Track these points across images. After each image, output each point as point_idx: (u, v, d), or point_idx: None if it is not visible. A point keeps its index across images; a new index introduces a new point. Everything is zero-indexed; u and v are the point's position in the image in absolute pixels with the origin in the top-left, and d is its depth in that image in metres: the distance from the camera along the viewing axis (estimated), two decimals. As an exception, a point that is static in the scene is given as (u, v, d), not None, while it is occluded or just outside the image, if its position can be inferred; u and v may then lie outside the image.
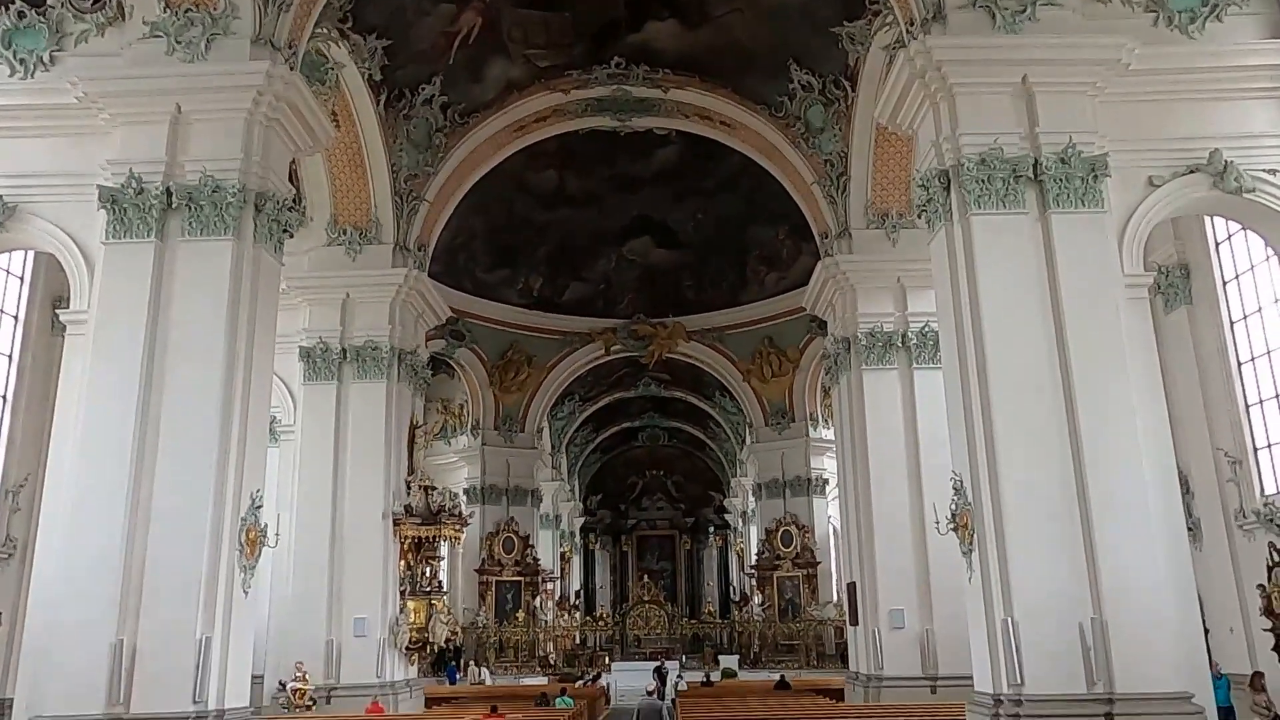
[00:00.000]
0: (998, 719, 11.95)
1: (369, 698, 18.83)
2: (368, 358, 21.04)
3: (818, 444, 31.48)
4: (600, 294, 32.69)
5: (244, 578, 13.19)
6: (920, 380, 19.82)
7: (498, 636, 29.65)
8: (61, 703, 11.98)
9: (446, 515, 21.82)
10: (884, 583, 19.29)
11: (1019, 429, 12.52)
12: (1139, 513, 12.35)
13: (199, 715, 12.05)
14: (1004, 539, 12.25)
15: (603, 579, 43.64)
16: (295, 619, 19.68)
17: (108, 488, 12.59)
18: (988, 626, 12.41)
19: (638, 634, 33.29)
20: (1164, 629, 12.09)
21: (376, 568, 20.20)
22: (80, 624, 12.18)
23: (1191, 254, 17.15)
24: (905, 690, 18.26)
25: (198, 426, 12.85)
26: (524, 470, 32.76)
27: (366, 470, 20.49)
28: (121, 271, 13.47)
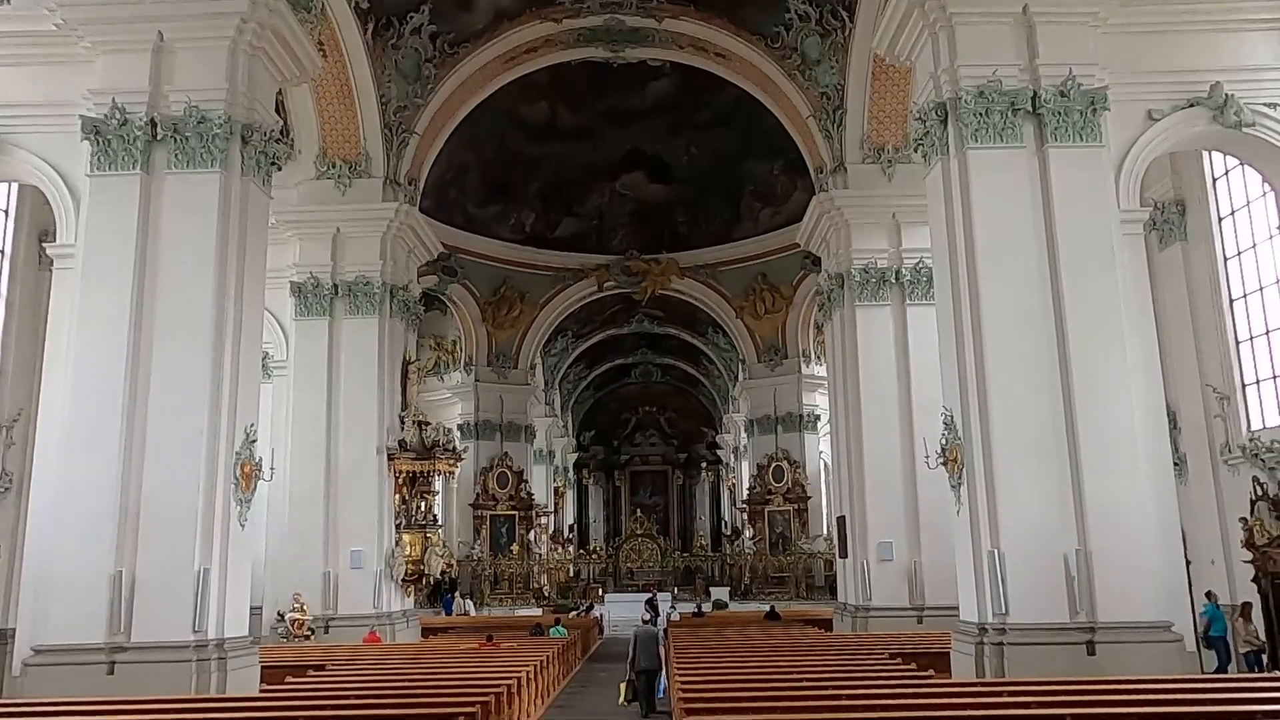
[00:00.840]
0: (982, 646, 12.23)
1: (366, 628, 19.19)
2: (359, 293, 20.95)
3: (810, 380, 31.63)
4: (593, 230, 32.45)
5: (240, 511, 13.30)
6: (913, 317, 19.86)
7: (493, 569, 30.12)
8: (63, 632, 12.19)
9: (440, 450, 21.97)
10: (873, 516, 19.58)
11: (1010, 364, 12.60)
12: (1126, 447, 12.52)
13: (199, 644, 12.26)
14: (992, 472, 12.42)
15: (596, 514, 44.20)
16: (292, 552, 19.94)
17: (101, 422, 12.62)
18: (974, 558, 12.64)
19: (630, 567, 33.83)
20: (1146, 561, 12.34)
21: (371, 502, 20.40)
22: (79, 556, 12.32)
23: (1188, 190, 17.06)
24: (893, 620, 18.66)
25: (189, 360, 12.83)
26: (517, 406, 32.91)
27: (360, 406, 20.56)
28: (107, 205, 13.30)
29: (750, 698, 9.58)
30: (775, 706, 9.06)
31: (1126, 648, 11.79)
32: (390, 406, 21.38)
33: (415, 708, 9.62)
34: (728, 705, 9.17)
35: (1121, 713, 8.32)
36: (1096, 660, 11.76)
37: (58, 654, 12.09)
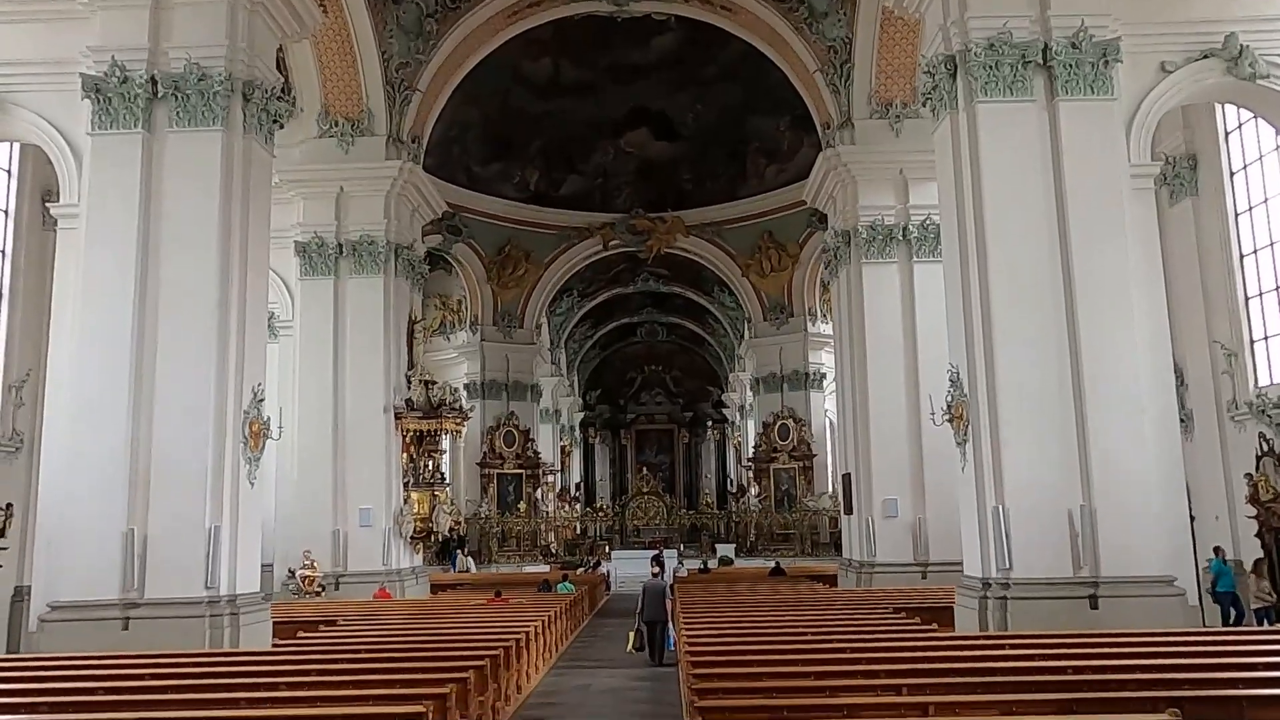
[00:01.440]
0: (986, 601, 12.34)
1: (376, 584, 19.43)
2: (364, 252, 20.91)
3: (816, 338, 31.59)
4: (597, 188, 32.22)
5: (249, 469, 13.40)
6: (920, 274, 19.74)
7: (500, 527, 30.38)
8: (78, 589, 12.35)
9: (447, 409, 22.07)
10: (879, 473, 19.65)
11: (1017, 320, 12.55)
12: (1132, 404, 12.50)
13: (211, 600, 12.43)
14: (998, 429, 12.43)
15: (602, 472, 44.42)
16: (301, 510, 20.12)
17: (109, 382, 12.68)
18: (979, 514, 12.70)
19: (637, 524, 34.09)
20: (1150, 516, 12.38)
21: (379, 460, 20.55)
22: (91, 514, 12.44)
23: (1200, 144, 16.86)
24: (897, 575, 18.83)
25: (196, 319, 12.85)
26: (523, 366, 32.95)
27: (366, 365, 20.63)
28: (110, 164, 13.23)
29: (755, 651, 9.71)
30: (780, 659, 9.18)
31: (1129, 602, 11.88)
32: (396, 366, 21.44)
33: (426, 661, 9.77)
34: (733, 658, 9.29)
35: (1123, 664, 8.40)
36: (1099, 614, 11.85)
37: (73, 610, 12.27)
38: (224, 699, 7.98)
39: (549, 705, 11.16)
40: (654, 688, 12.17)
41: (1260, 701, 7.18)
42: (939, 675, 8.18)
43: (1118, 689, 7.43)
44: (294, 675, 9.04)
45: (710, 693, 7.58)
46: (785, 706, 7.07)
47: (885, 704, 7.24)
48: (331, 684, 8.58)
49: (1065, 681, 7.78)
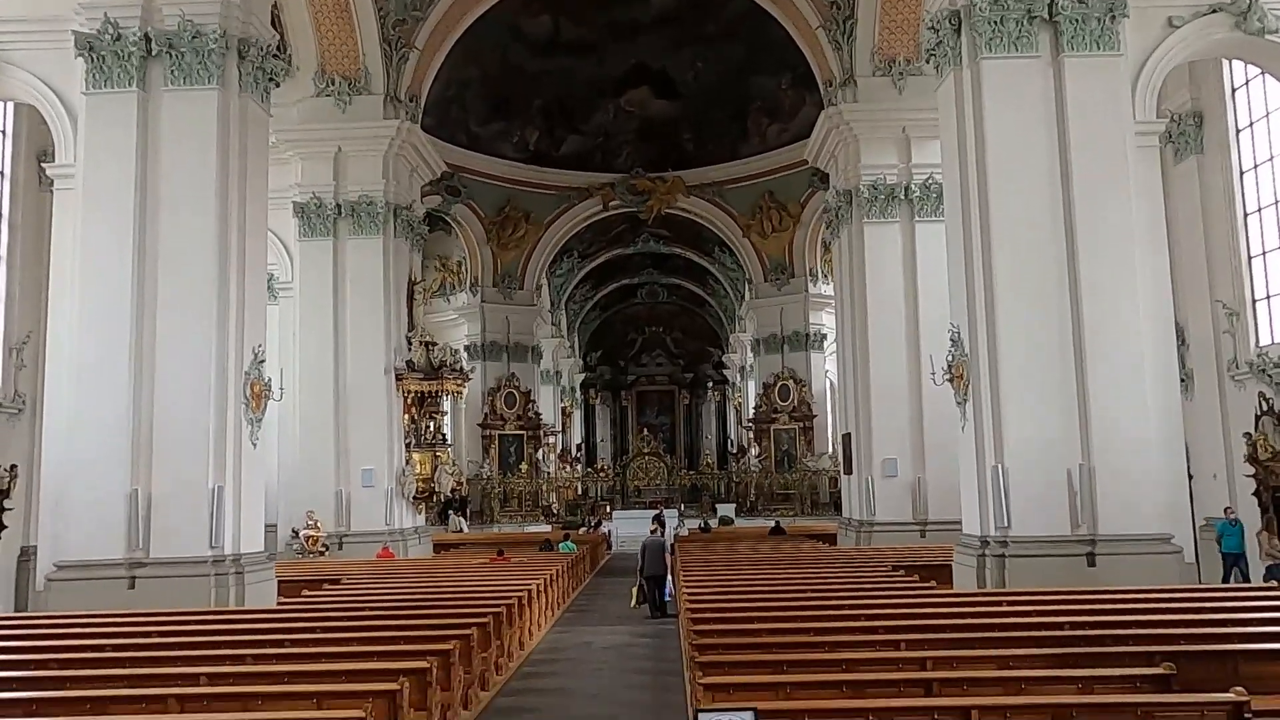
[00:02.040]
0: (984, 559, 12.44)
1: (379, 544, 19.59)
2: (363, 213, 20.81)
3: (817, 299, 31.52)
4: (598, 147, 31.93)
5: (251, 430, 13.45)
6: (922, 233, 19.66)
7: (502, 488, 30.55)
8: (84, 548, 12.47)
9: (448, 370, 22.10)
10: (878, 433, 19.72)
11: (1019, 279, 12.51)
12: (1132, 363, 12.50)
13: (216, 559, 12.54)
14: (998, 389, 12.45)
15: (603, 433, 44.56)
16: (304, 471, 20.24)
17: (110, 343, 12.69)
18: (978, 473, 12.76)
19: (638, 485, 34.27)
20: (1149, 475, 12.43)
21: (381, 421, 20.62)
22: (95, 475, 12.52)
23: (1206, 101, 16.67)
24: (896, 534, 18.97)
25: (195, 280, 12.82)
26: (524, 327, 32.92)
27: (366, 326, 20.62)
28: (105, 123, 13.14)
29: (755, 609, 9.80)
30: (779, 616, 9.27)
31: (1126, 559, 11.97)
32: (397, 327, 21.43)
33: (429, 619, 9.87)
34: (733, 615, 9.38)
35: (1119, 620, 8.49)
36: (1096, 571, 11.95)
37: (79, 570, 12.39)
38: (230, 655, 8.07)
39: (551, 662, 11.30)
40: (655, 645, 12.31)
41: (1253, 656, 7.26)
42: (937, 631, 8.27)
43: (1113, 644, 7.51)
44: (299, 633, 9.15)
45: (710, 648, 7.67)
46: (785, 662, 7.16)
47: (884, 659, 7.33)
48: (336, 641, 8.67)
49: (1062, 637, 7.87)
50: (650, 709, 8.79)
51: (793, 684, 6.41)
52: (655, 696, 9.30)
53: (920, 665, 7.05)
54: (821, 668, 7.01)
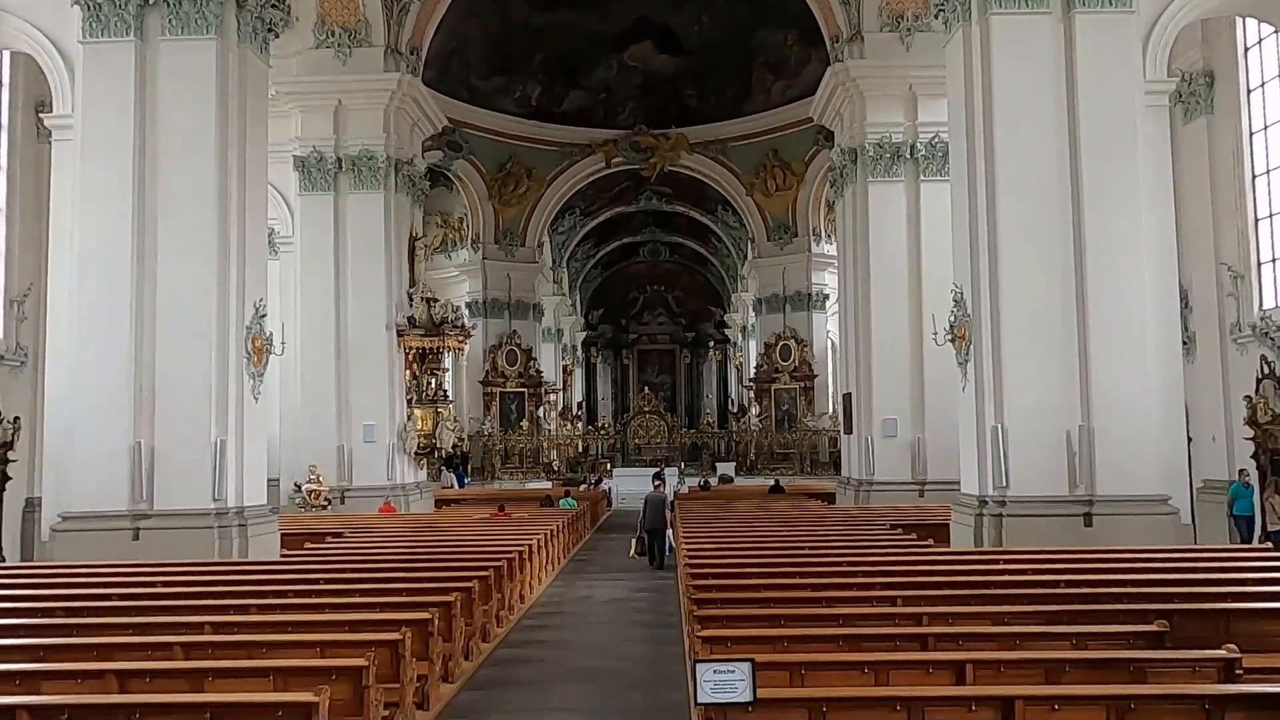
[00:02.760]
0: (981, 518, 12.53)
1: (381, 498, 19.73)
2: (364, 167, 20.65)
3: (819, 259, 31.39)
4: (600, 103, 31.59)
5: (253, 384, 13.48)
6: (926, 193, 19.52)
7: (503, 445, 30.69)
8: (88, 500, 12.56)
9: (449, 327, 22.07)
10: (879, 393, 19.76)
11: (1023, 239, 12.45)
12: (1135, 325, 12.48)
13: (219, 511, 12.64)
14: (999, 349, 12.44)
15: (604, 391, 44.63)
16: (306, 426, 20.32)
17: (110, 296, 12.67)
18: (978, 433, 12.81)
19: (638, 443, 34.42)
20: (1148, 437, 12.47)
21: (382, 377, 20.66)
22: (97, 428, 12.58)
23: (1217, 60, 16.44)
24: (894, 493, 19.08)
25: (195, 233, 12.76)
26: (525, 284, 32.83)
27: (368, 281, 20.57)
28: (102, 74, 12.99)
29: (753, 565, 9.89)
30: (778, 572, 9.36)
31: (1123, 520, 12.05)
32: (398, 283, 21.39)
33: (431, 571, 9.98)
34: (732, 571, 9.47)
35: (1115, 579, 8.56)
36: (1093, 531, 12.04)
37: (84, 521, 12.50)
38: (234, 605, 8.16)
39: (552, 615, 11.44)
40: (654, 599, 12.45)
41: (1246, 615, 7.34)
42: (933, 588, 8.36)
43: (1108, 602, 7.59)
44: (302, 584, 9.25)
45: (709, 603, 7.75)
46: (782, 616, 7.23)
47: (880, 614, 7.41)
48: (339, 592, 8.77)
49: (1057, 595, 7.94)
50: (649, 661, 8.91)
51: (790, 637, 6.48)
52: (654, 649, 9.42)
53: (916, 621, 7.12)
54: (818, 622, 7.09)
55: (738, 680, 4.18)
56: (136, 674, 5.97)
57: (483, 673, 8.55)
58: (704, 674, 4.20)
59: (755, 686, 4.20)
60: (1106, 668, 5.77)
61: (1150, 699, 5.07)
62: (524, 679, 8.33)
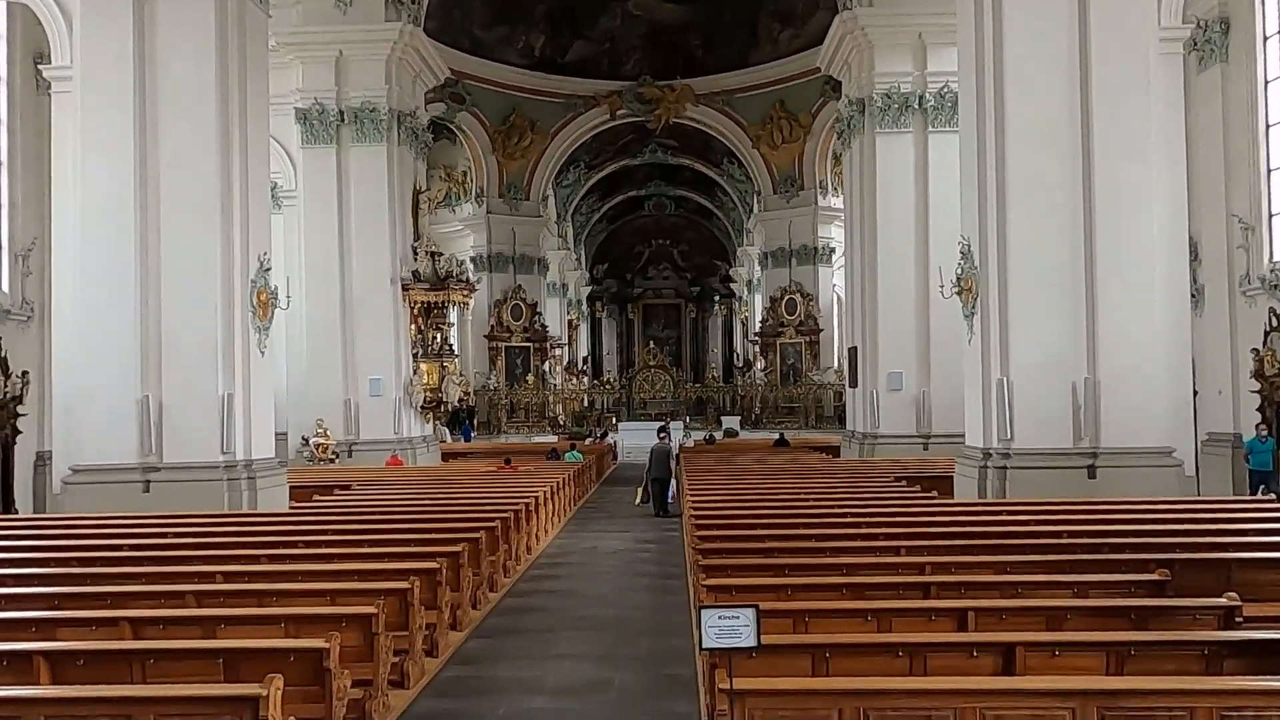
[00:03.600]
0: (985, 470, 12.57)
1: (388, 452, 19.88)
2: (366, 120, 20.49)
3: (826, 212, 31.19)
4: (604, 54, 31.18)
5: (259, 338, 13.50)
6: (935, 144, 19.31)
7: (509, 399, 30.82)
8: (98, 453, 12.65)
9: (454, 281, 22.05)
10: (885, 347, 19.75)
11: (1032, 190, 12.31)
12: (1143, 277, 12.38)
13: (228, 464, 12.74)
14: (1006, 302, 12.38)
15: (609, 345, 44.68)
16: (313, 380, 20.41)
17: (115, 251, 12.64)
18: (983, 386, 12.80)
19: (643, 397, 34.54)
20: (1154, 390, 12.44)
21: (387, 331, 20.69)
22: (105, 382, 12.62)
23: (1234, 6, 16.10)
24: (899, 446, 19.16)
25: (198, 186, 12.69)
26: (530, 239, 32.72)
27: (371, 235, 20.52)
28: (100, 24, 12.81)
29: (758, 516, 9.96)
30: (782, 523, 9.43)
31: (1126, 472, 12.07)
32: (402, 237, 21.32)
33: (439, 523, 10.07)
34: (736, 522, 9.54)
35: (1117, 529, 8.61)
36: (1096, 484, 12.07)
37: (94, 474, 12.61)
38: (245, 556, 8.27)
39: (558, 565, 11.57)
40: (659, 550, 12.57)
41: (1248, 565, 7.38)
42: (937, 539, 8.42)
43: (1110, 552, 7.63)
44: (311, 535, 9.36)
45: (713, 553, 7.82)
46: (786, 565, 7.30)
47: (883, 564, 7.47)
48: (348, 543, 8.87)
49: (1059, 545, 7.99)
50: (655, 610, 9.02)
51: (794, 586, 6.55)
52: (659, 599, 9.53)
53: (919, 570, 7.19)
54: (822, 571, 7.15)
55: (742, 626, 4.23)
56: (150, 621, 6.07)
57: (490, 621, 8.67)
58: (709, 620, 4.25)
59: (759, 632, 4.25)
60: (1108, 615, 5.82)
61: (1150, 645, 5.12)
62: (531, 627, 8.45)
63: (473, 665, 7.27)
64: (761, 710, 4.30)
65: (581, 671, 7.02)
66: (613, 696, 6.46)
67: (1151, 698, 4.27)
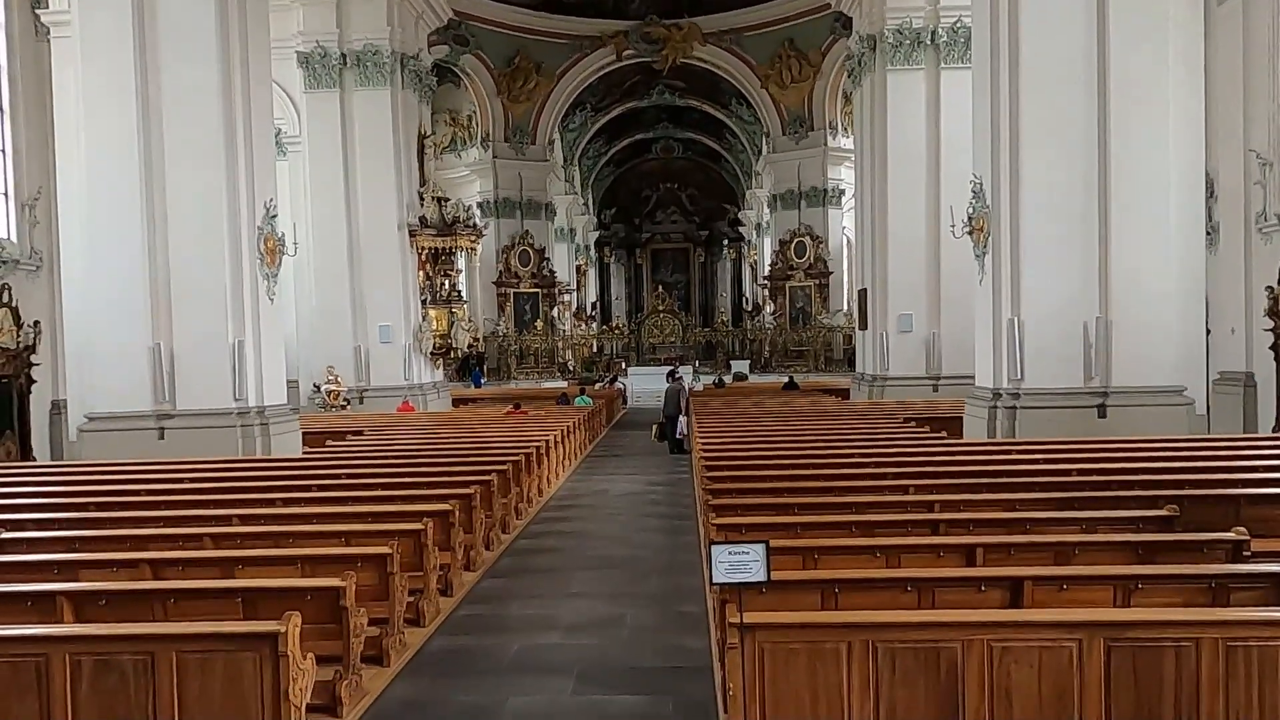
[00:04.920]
0: (995, 410, 12.57)
1: (399, 398, 20.00)
2: (369, 63, 20.23)
3: (835, 153, 30.81)
4: (610, -9, 30.59)
5: (268, 285, 13.50)
6: (947, 81, 18.99)
7: (518, 345, 30.86)
8: (112, 401, 12.77)
9: (461, 226, 21.96)
10: (895, 288, 19.65)
11: (1046, 126, 12.11)
12: (1158, 215, 12.23)
13: (241, 411, 12.84)
14: (1018, 241, 12.27)
15: (618, 291, 44.56)
16: (322, 328, 20.47)
17: (120, 199, 12.60)
18: (994, 327, 12.74)
19: (652, 342, 34.54)
20: (1166, 329, 12.37)
21: (396, 278, 20.68)
22: (116, 330, 12.69)
23: (1258, -67, 15.63)
24: (909, 389, 19.17)
25: (201, 132, 12.59)
26: (537, 184, 32.45)
27: (377, 181, 20.39)
28: (96, -35, 12.59)
29: (767, 457, 10.01)
30: (791, 463, 9.48)
31: (1137, 411, 12.06)
32: (408, 182, 21.18)
33: (451, 466, 10.16)
34: (745, 463, 9.60)
35: (1126, 467, 8.63)
36: (1106, 423, 12.07)
37: (110, 421, 12.74)
38: (260, 499, 8.37)
39: (569, 507, 11.69)
40: (669, 492, 12.68)
41: (1256, 500, 7.40)
42: (945, 477, 8.45)
43: (1119, 489, 7.66)
44: (325, 479, 9.46)
45: (723, 493, 7.88)
46: (795, 505, 7.35)
47: (892, 502, 7.52)
48: (362, 486, 8.96)
49: (1068, 483, 8.02)
50: (665, 549, 9.13)
51: (803, 524, 6.60)
52: (670, 539, 9.64)
53: (928, 508, 7.23)
54: (831, 510, 7.20)
55: (752, 561, 4.27)
56: (169, 563, 6.17)
57: (503, 562, 8.79)
58: (719, 555, 4.29)
59: (769, 568, 4.29)
60: (1116, 550, 5.86)
61: (1157, 579, 5.16)
62: (543, 567, 8.56)
63: (487, 604, 7.39)
64: (771, 643, 4.37)
65: (594, 609, 7.13)
66: (625, 633, 6.56)
67: (1157, 629, 4.32)
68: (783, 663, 4.35)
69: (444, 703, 5.38)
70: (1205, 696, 4.25)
